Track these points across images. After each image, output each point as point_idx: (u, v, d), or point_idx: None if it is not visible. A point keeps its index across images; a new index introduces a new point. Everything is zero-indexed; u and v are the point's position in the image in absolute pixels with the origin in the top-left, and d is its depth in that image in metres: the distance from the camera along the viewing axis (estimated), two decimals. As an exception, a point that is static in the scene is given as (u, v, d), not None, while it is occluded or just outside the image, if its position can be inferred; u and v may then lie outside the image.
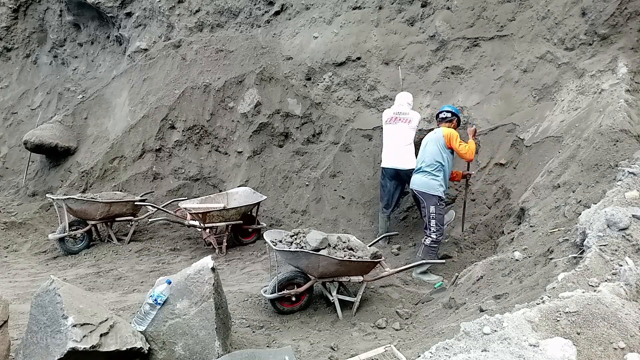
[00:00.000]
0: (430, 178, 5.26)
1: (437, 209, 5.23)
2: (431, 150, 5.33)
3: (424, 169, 5.32)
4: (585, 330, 2.07)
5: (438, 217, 5.22)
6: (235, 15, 8.68)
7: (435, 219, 5.21)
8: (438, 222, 5.23)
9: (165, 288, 3.31)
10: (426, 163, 5.31)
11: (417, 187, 5.35)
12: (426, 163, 5.31)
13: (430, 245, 5.23)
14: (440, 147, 5.29)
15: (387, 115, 6.22)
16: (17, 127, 10.57)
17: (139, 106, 8.46)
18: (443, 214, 5.39)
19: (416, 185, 5.36)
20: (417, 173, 5.39)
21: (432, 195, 5.23)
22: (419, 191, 5.31)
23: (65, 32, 10.88)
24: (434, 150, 5.30)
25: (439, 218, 5.24)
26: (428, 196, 5.24)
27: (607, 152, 4.30)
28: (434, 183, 5.24)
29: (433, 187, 5.23)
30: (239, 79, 8.00)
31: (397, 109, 6.20)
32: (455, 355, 1.96)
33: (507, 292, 3.46)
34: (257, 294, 4.67)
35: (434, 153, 5.30)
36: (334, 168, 7.13)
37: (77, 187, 7.85)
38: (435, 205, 5.22)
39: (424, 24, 7.14)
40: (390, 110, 6.25)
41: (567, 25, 5.94)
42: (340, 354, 3.59)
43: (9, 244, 6.90)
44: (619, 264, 2.65)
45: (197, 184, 7.86)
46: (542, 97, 5.99)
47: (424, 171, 5.32)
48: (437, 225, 5.22)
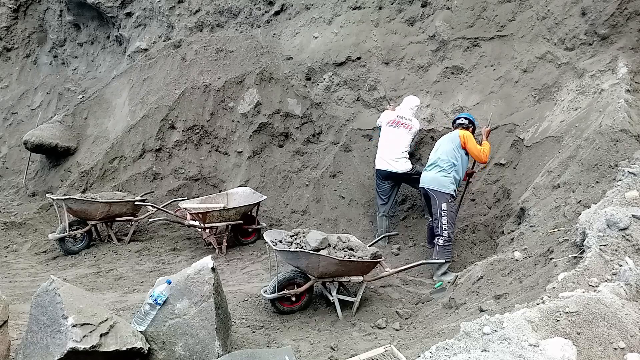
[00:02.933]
0: (442, 175, 5.21)
1: (449, 206, 5.19)
2: (445, 149, 5.29)
3: (437, 165, 5.27)
4: (585, 330, 2.07)
5: (449, 215, 5.18)
6: (235, 15, 8.68)
7: (447, 216, 5.16)
8: (449, 219, 5.18)
9: (165, 288, 3.31)
10: (440, 160, 5.26)
11: (427, 184, 5.30)
12: (440, 160, 5.26)
13: (443, 245, 5.16)
14: (455, 147, 5.26)
15: (389, 117, 6.20)
16: (17, 127, 10.56)
17: (139, 106, 8.46)
18: (454, 211, 5.37)
19: (427, 183, 5.31)
20: (429, 171, 5.33)
21: (443, 193, 5.18)
22: (431, 189, 5.26)
23: (65, 32, 10.88)
24: (449, 149, 5.27)
25: (450, 216, 5.20)
26: (439, 194, 5.19)
27: (607, 152, 4.30)
28: (445, 180, 5.19)
29: (444, 185, 5.19)
30: (239, 79, 8.00)
31: (400, 112, 6.19)
32: (455, 355, 1.96)
33: (507, 292, 3.46)
34: (257, 294, 4.67)
35: (448, 152, 5.26)
36: (334, 168, 7.13)
37: (77, 187, 7.85)
38: (447, 202, 5.18)
39: (424, 24, 7.14)
40: (393, 113, 6.24)
41: (567, 25, 5.94)
42: (340, 354, 3.59)
43: (9, 244, 6.90)
44: (619, 264, 2.65)
45: (197, 184, 7.86)
46: (542, 97, 5.99)
47: (436, 167, 5.26)
48: (448, 223, 5.16)
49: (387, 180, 6.10)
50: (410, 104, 6.25)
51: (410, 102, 6.28)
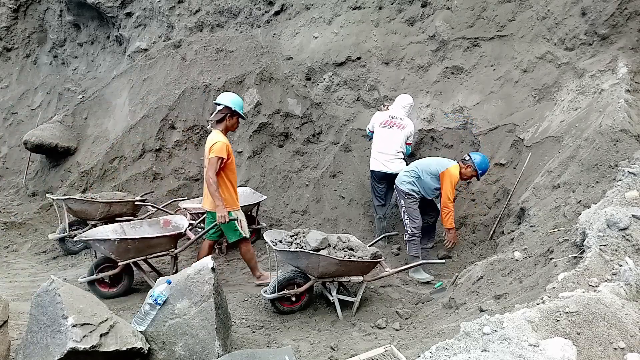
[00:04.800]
0: (405, 174, 5.51)
1: (406, 202, 5.44)
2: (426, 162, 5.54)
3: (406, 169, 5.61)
4: (585, 330, 2.07)
5: (409, 211, 5.43)
6: (235, 15, 8.68)
7: (407, 212, 5.44)
8: (410, 216, 5.42)
9: (165, 288, 3.31)
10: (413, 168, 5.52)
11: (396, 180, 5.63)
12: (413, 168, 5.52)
13: (408, 240, 5.42)
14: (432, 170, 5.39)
15: (382, 118, 6.14)
16: (17, 127, 10.56)
17: (139, 106, 8.46)
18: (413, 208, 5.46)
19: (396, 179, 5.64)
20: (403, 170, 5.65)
21: (401, 190, 5.45)
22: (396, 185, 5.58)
23: (65, 32, 10.88)
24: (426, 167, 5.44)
25: (410, 212, 5.43)
26: (399, 190, 5.49)
27: (607, 152, 4.30)
28: (406, 178, 5.47)
29: (405, 182, 5.46)
30: (239, 79, 8.00)
31: (392, 112, 6.14)
32: (455, 355, 1.96)
33: (507, 292, 3.46)
34: (257, 294, 4.67)
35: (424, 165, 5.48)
36: (334, 168, 7.13)
37: (77, 187, 7.85)
38: (404, 199, 5.44)
39: (424, 24, 7.14)
40: (385, 113, 6.19)
41: (567, 25, 5.94)
42: (340, 354, 3.60)
43: (9, 244, 6.89)
44: (619, 264, 2.65)
45: (197, 184, 7.86)
46: (542, 97, 5.99)
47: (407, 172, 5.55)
48: (410, 219, 5.42)
49: (383, 182, 6.09)
50: (403, 103, 6.19)
51: (403, 101, 6.22)
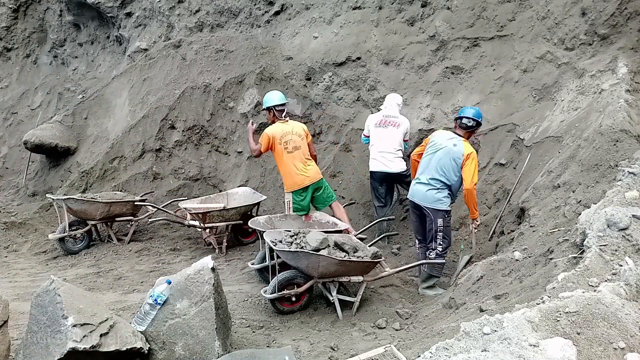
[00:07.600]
0: (435, 192, 4.73)
1: (445, 221, 4.77)
2: (444, 163, 4.72)
3: (428, 184, 4.75)
4: (585, 330, 2.07)
5: (445, 230, 4.78)
6: (235, 15, 8.68)
7: (443, 232, 4.76)
8: (445, 235, 4.78)
9: (165, 288, 3.31)
10: (432, 176, 4.74)
11: (420, 200, 4.81)
12: (432, 176, 4.74)
13: (435, 258, 4.77)
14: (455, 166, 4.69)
15: (376, 119, 6.11)
16: (17, 127, 10.56)
17: (139, 106, 8.46)
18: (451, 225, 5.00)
19: (418, 198, 4.82)
20: (420, 184, 4.82)
21: (438, 210, 4.72)
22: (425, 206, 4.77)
23: (65, 32, 10.88)
24: (447, 167, 4.71)
25: (447, 231, 4.80)
26: (434, 211, 4.73)
27: (607, 152, 4.29)
28: (439, 195, 4.73)
29: (439, 200, 4.72)
30: (239, 79, 8.01)
31: (386, 112, 6.12)
32: (455, 355, 1.96)
33: (507, 292, 3.46)
34: (257, 294, 4.67)
35: (445, 169, 4.71)
36: (334, 168, 7.12)
37: (77, 187, 7.85)
38: (443, 219, 4.75)
39: (424, 24, 7.14)
40: (379, 114, 6.17)
41: (567, 25, 5.93)
42: (340, 354, 3.60)
43: (9, 244, 6.89)
44: (619, 264, 2.66)
45: (197, 184, 7.86)
46: (542, 97, 5.98)
47: (428, 185, 4.75)
48: (444, 238, 4.77)
49: (384, 182, 6.07)
50: (397, 101, 6.20)
51: (395, 99, 6.23)
